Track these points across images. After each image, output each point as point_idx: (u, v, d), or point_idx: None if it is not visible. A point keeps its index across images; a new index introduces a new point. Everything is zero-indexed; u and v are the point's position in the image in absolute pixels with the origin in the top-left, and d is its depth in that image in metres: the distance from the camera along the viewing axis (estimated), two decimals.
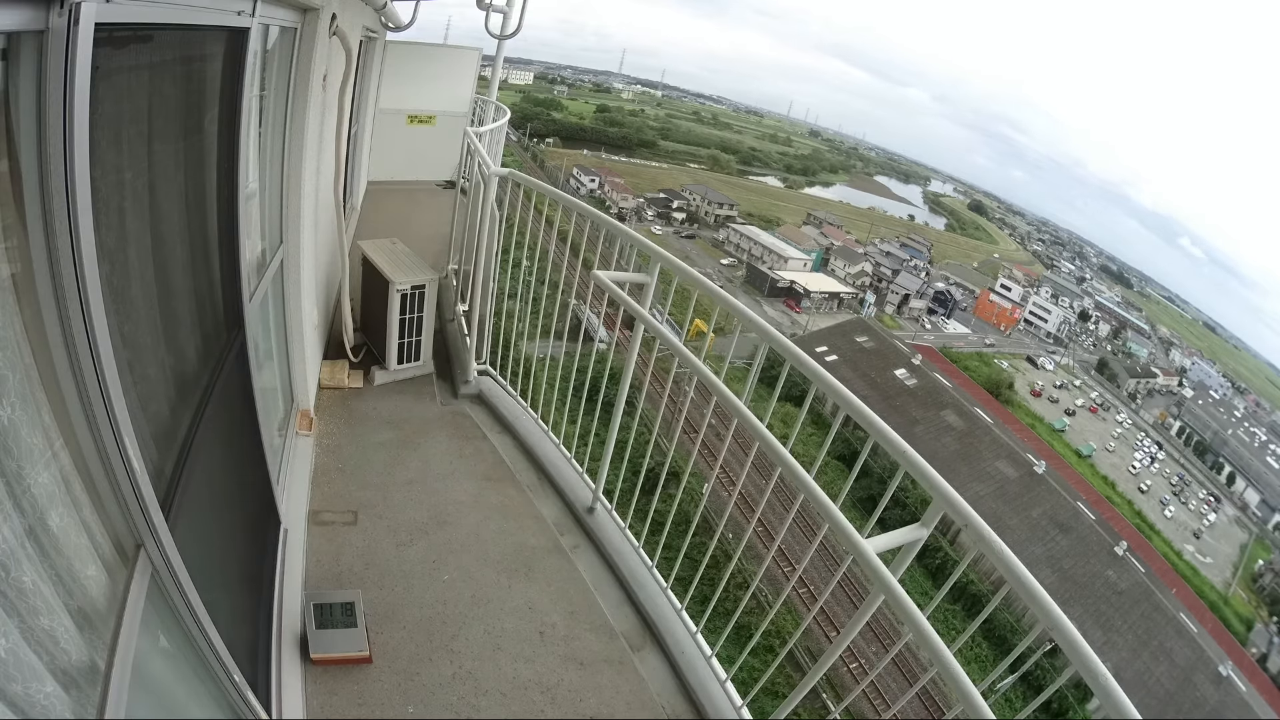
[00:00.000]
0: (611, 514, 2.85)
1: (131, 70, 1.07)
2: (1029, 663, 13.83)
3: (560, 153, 69.47)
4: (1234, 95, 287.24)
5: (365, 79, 6.19)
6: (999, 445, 27.22)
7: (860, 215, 77.03)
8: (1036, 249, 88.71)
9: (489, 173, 3.33)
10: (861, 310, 46.37)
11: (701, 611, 2.41)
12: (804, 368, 1.77)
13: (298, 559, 2.40)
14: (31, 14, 0.70)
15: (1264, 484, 38.95)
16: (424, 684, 2.09)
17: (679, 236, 55.37)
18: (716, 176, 77.34)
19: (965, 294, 55.40)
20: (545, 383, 3.29)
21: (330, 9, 2.53)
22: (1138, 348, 56.95)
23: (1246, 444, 43.49)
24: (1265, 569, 31.82)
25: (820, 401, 16.57)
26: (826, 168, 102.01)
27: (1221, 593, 29.08)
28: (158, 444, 1.20)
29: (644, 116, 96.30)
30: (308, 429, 3.07)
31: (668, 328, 2.31)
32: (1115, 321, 61.93)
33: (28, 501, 0.80)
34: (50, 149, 0.75)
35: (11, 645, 0.72)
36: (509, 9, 5.99)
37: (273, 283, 2.55)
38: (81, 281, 0.82)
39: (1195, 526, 33.86)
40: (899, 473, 1.51)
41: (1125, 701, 1.03)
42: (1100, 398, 45.16)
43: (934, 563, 19.47)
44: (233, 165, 1.67)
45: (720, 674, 2.21)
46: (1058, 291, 62.73)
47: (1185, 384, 52.11)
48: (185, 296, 1.46)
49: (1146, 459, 38.70)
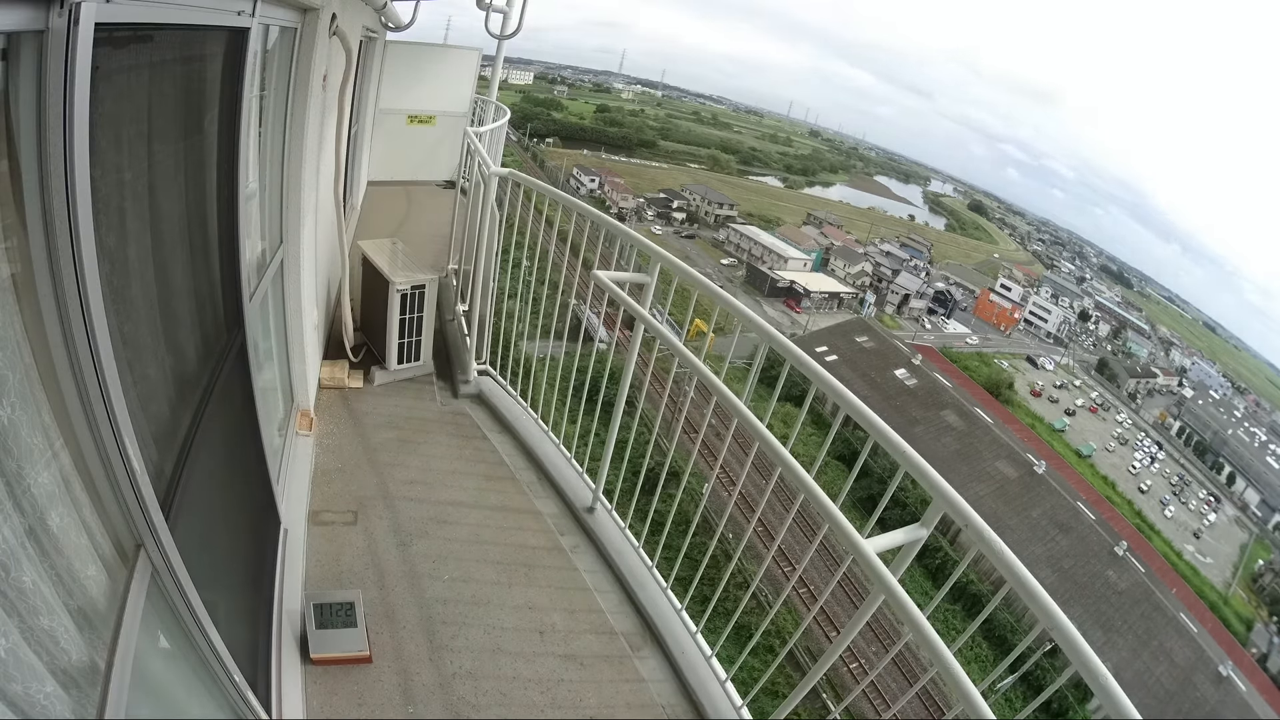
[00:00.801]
0: (611, 514, 2.85)
1: (131, 70, 1.07)
2: (1029, 663, 13.85)
3: (560, 153, 69.50)
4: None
5: (365, 79, 6.19)
6: (999, 445, 27.23)
7: (860, 215, 77.09)
8: (1036, 249, 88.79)
9: (489, 173, 3.33)
10: (861, 310, 46.39)
11: (701, 611, 2.42)
12: (804, 368, 1.77)
13: (298, 559, 2.40)
14: (31, 14, 0.70)
15: (1264, 484, 38.96)
16: (424, 684, 2.09)
17: (679, 236, 55.38)
18: (716, 176, 77.39)
19: (965, 294, 55.41)
20: (545, 383, 3.29)
21: (330, 9, 2.53)
22: (1138, 348, 56.98)
23: (1246, 444, 43.51)
24: (1265, 569, 31.82)
25: (820, 401, 16.58)
26: (826, 168, 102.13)
27: (1221, 593, 29.09)
28: (158, 444, 1.20)
29: (644, 116, 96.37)
30: (308, 429, 3.07)
31: (668, 328, 2.31)
32: (1115, 321, 61.97)
33: (28, 501, 0.80)
34: (50, 149, 0.75)
35: (11, 645, 0.72)
36: (509, 9, 5.99)
37: (273, 283, 2.55)
38: (81, 281, 0.82)
39: (1195, 526, 33.88)
40: (899, 473, 1.50)
41: (1125, 701, 1.03)
42: (1100, 398, 45.18)
43: (934, 563, 19.47)
44: (233, 165, 1.67)
45: (720, 674, 2.21)
46: (1058, 291, 62.77)
47: (1185, 384, 52.13)
48: (185, 296, 1.46)
49: (1146, 459, 38.72)
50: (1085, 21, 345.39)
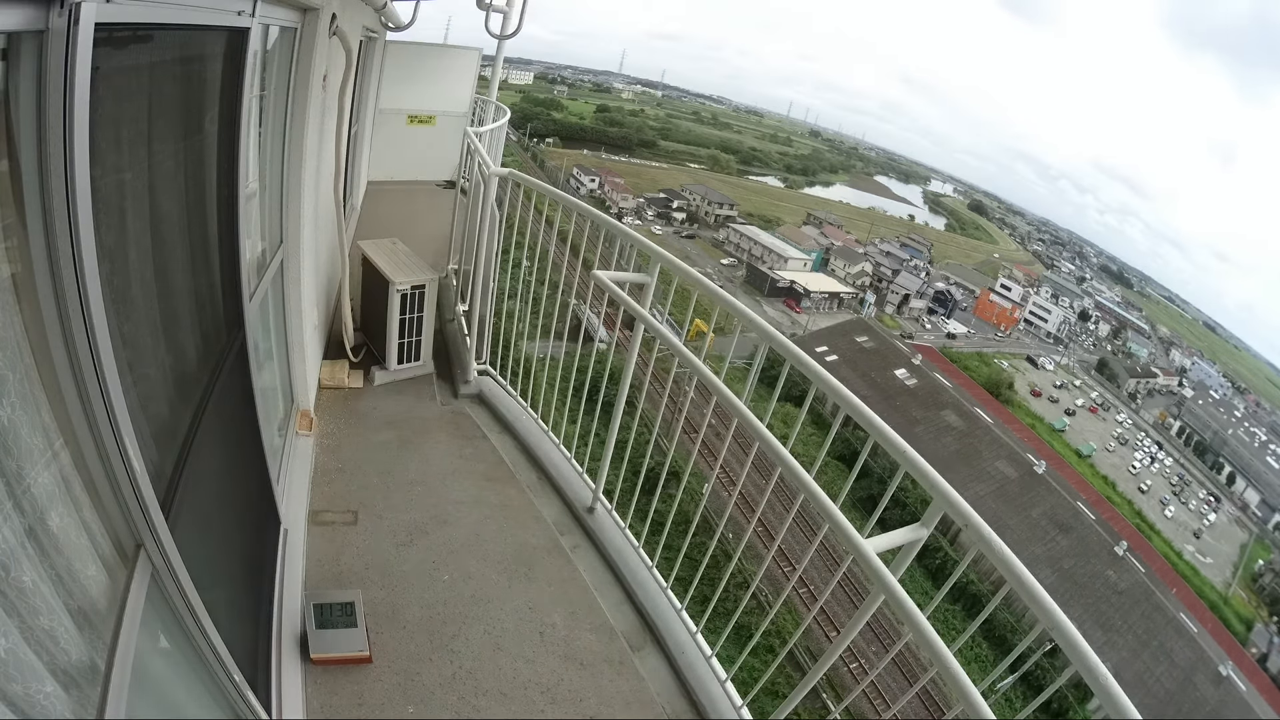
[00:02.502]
0: (611, 514, 2.85)
1: (131, 70, 1.07)
2: (1029, 663, 13.83)
3: (560, 153, 69.49)
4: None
5: (365, 79, 6.19)
6: (999, 445, 27.23)
7: (860, 215, 77.06)
8: (1036, 249, 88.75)
9: (489, 173, 3.33)
10: (861, 310, 46.39)
11: (701, 611, 2.41)
12: (804, 368, 1.77)
13: (298, 559, 2.40)
14: (31, 14, 0.70)
15: (1264, 484, 38.95)
16: (424, 684, 2.09)
17: (679, 236, 55.36)
18: (716, 176, 77.35)
19: (965, 294, 55.41)
20: (545, 383, 3.29)
21: (330, 9, 2.53)
22: (1138, 348, 56.98)
23: (1246, 444, 43.50)
24: (1265, 569, 31.81)
25: (820, 401, 16.56)
26: (826, 168, 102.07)
27: (1221, 593, 29.08)
28: (158, 444, 1.20)
29: (644, 116, 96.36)
30: (308, 429, 3.07)
31: (668, 328, 2.31)
32: (1115, 321, 61.96)
33: (28, 501, 0.80)
34: (50, 149, 0.75)
35: (11, 645, 0.72)
36: (509, 9, 5.99)
37: (273, 283, 2.55)
38: (81, 281, 0.82)
39: (1195, 526, 33.86)
40: (899, 473, 1.50)
41: (1125, 701, 1.03)
42: (1100, 398, 45.17)
43: (934, 563, 19.46)
44: (233, 165, 1.67)
45: (720, 674, 2.21)
46: (1058, 291, 62.76)
47: (1185, 384, 52.12)
48: (185, 296, 1.46)
49: (1146, 459, 38.70)
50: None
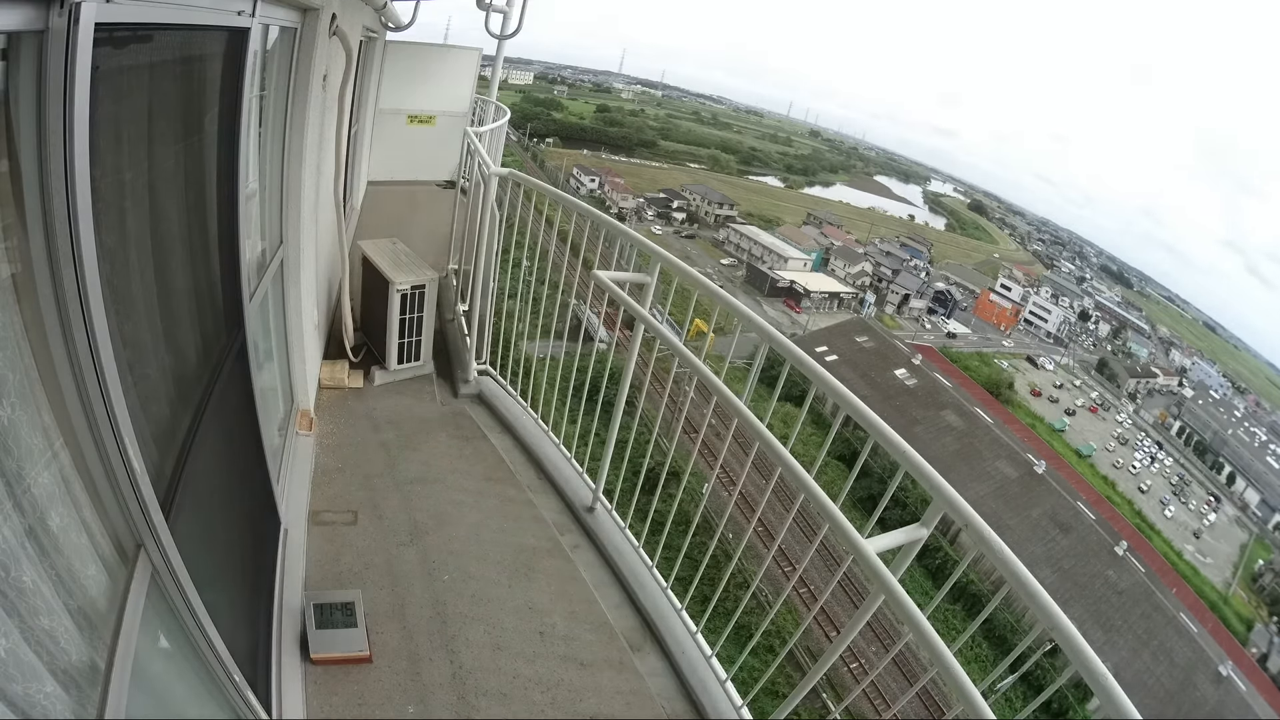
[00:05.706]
0: (611, 514, 2.85)
1: (131, 70, 1.06)
2: (1029, 663, 13.83)
3: (560, 153, 69.50)
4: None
5: (365, 79, 6.19)
6: (999, 445, 27.21)
7: (860, 215, 77.04)
8: (1036, 249, 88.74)
9: (489, 172, 3.33)
10: (861, 310, 46.37)
11: (701, 611, 2.41)
12: (804, 368, 1.77)
13: (298, 559, 2.40)
14: (31, 14, 0.70)
15: (1264, 484, 38.94)
16: (424, 684, 2.09)
17: (679, 236, 55.37)
18: (716, 176, 77.39)
19: (965, 294, 55.41)
20: (545, 383, 3.29)
21: (330, 9, 2.53)
22: (1138, 348, 56.99)
23: (1246, 444, 43.49)
24: (1265, 569, 31.80)
25: (820, 401, 16.58)
26: (826, 168, 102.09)
27: (1221, 593, 29.08)
28: (158, 444, 1.20)
29: (644, 116, 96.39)
30: (308, 429, 3.06)
31: (668, 328, 2.31)
32: (1115, 321, 61.96)
33: (28, 501, 0.80)
34: (50, 149, 0.75)
35: (11, 645, 0.72)
36: (509, 9, 6.00)
37: (273, 283, 2.55)
38: (81, 281, 0.82)
39: (1195, 526, 33.86)
40: (899, 473, 1.50)
41: (1125, 701, 1.03)
42: (1100, 397, 45.16)
43: (934, 563, 19.47)
44: (233, 165, 1.67)
45: (720, 674, 2.21)
46: (1058, 291, 62.76)
47: (1185, 384, 52.11)
48: (185, 296, 1.46)
49: (1146, 459, 38.69)
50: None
